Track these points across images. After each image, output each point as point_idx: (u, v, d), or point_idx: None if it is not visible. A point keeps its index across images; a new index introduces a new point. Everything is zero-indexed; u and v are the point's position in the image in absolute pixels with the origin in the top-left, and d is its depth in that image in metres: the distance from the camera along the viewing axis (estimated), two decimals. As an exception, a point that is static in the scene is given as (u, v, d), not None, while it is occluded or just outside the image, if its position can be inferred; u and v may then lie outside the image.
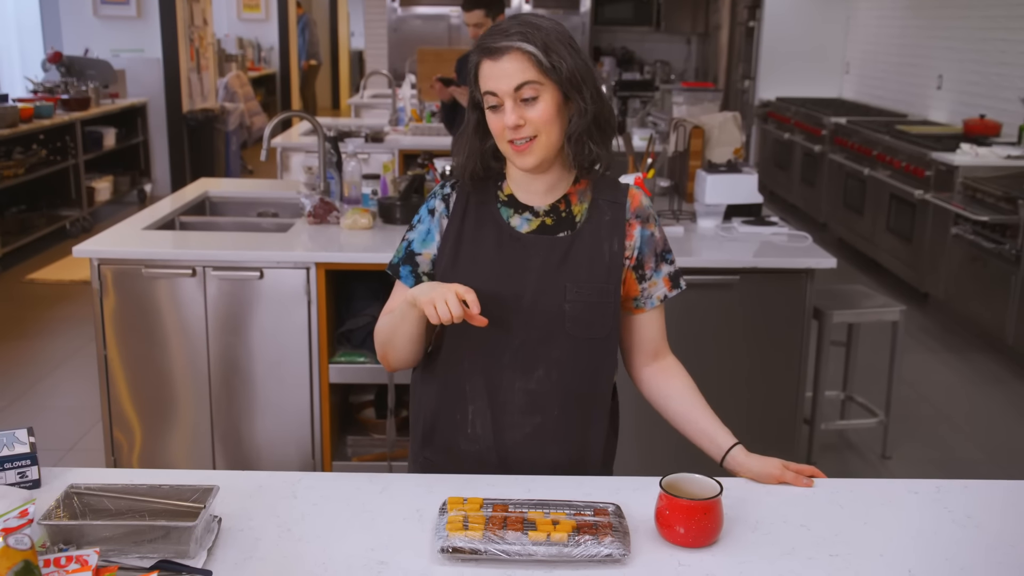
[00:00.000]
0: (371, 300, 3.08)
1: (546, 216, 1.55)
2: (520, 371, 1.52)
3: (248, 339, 2.85)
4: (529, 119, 1.46)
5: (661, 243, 1.60)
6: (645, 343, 1.62)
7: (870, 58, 7.69)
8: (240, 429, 2.92)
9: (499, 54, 1.45)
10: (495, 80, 1.46)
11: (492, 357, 1.53)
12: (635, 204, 1.58)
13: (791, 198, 7.65)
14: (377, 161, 4.80)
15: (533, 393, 1.53)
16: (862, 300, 3.50)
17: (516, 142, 1.47)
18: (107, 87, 7.37)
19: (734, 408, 2.80)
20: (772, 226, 3.14)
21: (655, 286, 1.59)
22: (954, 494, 1.48)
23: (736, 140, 3.25)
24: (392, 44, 8.66)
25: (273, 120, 3.16)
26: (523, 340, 1.51)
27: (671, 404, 1.60)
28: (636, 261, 1.57)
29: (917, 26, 6.83)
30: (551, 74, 1.45)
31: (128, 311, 2.83)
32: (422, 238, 1.58)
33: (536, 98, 1.45)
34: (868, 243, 6.07)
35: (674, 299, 1.64)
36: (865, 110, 7.17)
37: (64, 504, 1.28)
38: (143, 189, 7.82)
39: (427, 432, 1.62)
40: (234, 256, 2.80)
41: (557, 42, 1.46)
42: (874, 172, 5.90)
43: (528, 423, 1.54)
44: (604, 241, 1.54)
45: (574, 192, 1.57)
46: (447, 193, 1.59)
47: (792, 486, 1.49)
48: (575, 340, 1.52)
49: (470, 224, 1.55)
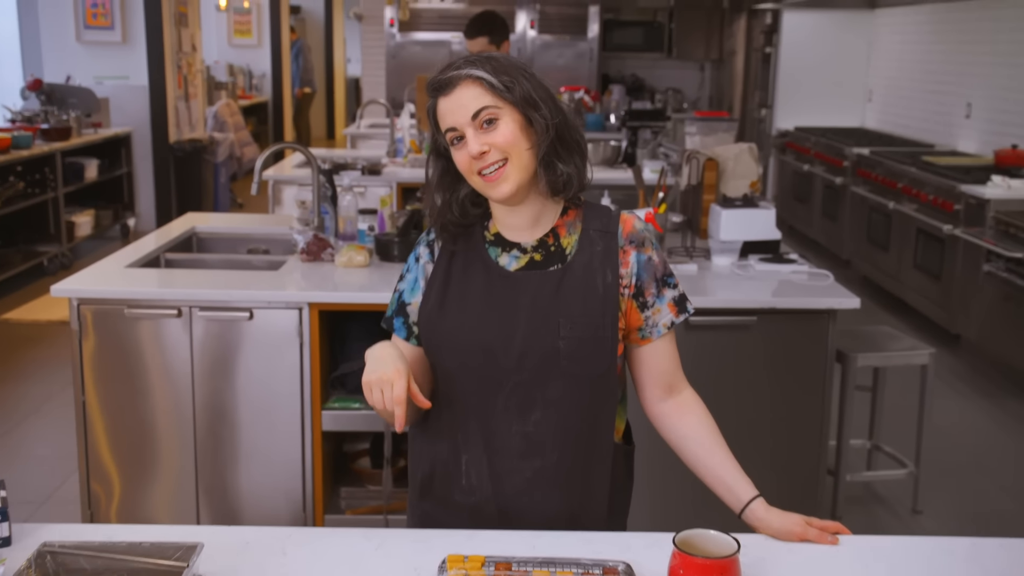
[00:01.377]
0: (367, 342, 3.06)
1: (534, 252, 1.57)
2: (516, 414, 1.53)
3: (236, 384, 2.86)
4: (493, 143, 1.49)
5: (661, 267, 1.60)
6: (657, 376, 1.62)
7: (894, 85, 7.76)
8: (226, 480, 2.91)
9: (450, 87, 1.50)
10: (452, 114, 1.50)
11: (486, 401, 1.54)
12: (627, 229, 1.59)
13: (811, 234, 7.68)
14: (374, 195, 4.83)
15: (531, 436, 1.54)
16: (889, 342, 3.50)
17: (485, 172, 1.49)
18: (89, 116, 7.44)
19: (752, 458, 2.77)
20: (791, 264, 3.15)
21: (659, 313, 1.59)
22: (991, 553, 1.47)
23: (752, 172, 3.27)
24: (390, 71, 8.76)
25: (265, 151, 3.19)
26: (517, 382, 1.52)
27: (687, 445, 1.60)
28: (635, 289, 1.58)
29: (944, 50, 6.89)
30: (506, 95, 1.49)
31: (109, 354, 2.84)
32: (411, 287, 1.62)
33: (496, 120, 1.49)
34: (894, 281, 6.08)
35: (687, 341, 1.65)
36: (889, 140, 7.22)
37: (36, 564, 1.27)
38: (126, 224, 7.87)
39: (424, 483, 1.63)
40: (222, 295, 2.81)
41: (508, 66, 1.51)
42: (900, 206, 5.92)
43: (527, 467, 1.54)
44: (597, 272, 1.55)
45: (562, 224, 1.59)
46: (431, 240, 1.63)
47: (815, 544, 1.48)
48: (572, 379, 1.52)
49: (457, 267, 1.58)
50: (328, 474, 3.08)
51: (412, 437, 1.67)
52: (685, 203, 3.47)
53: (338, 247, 3.19)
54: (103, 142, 7.47)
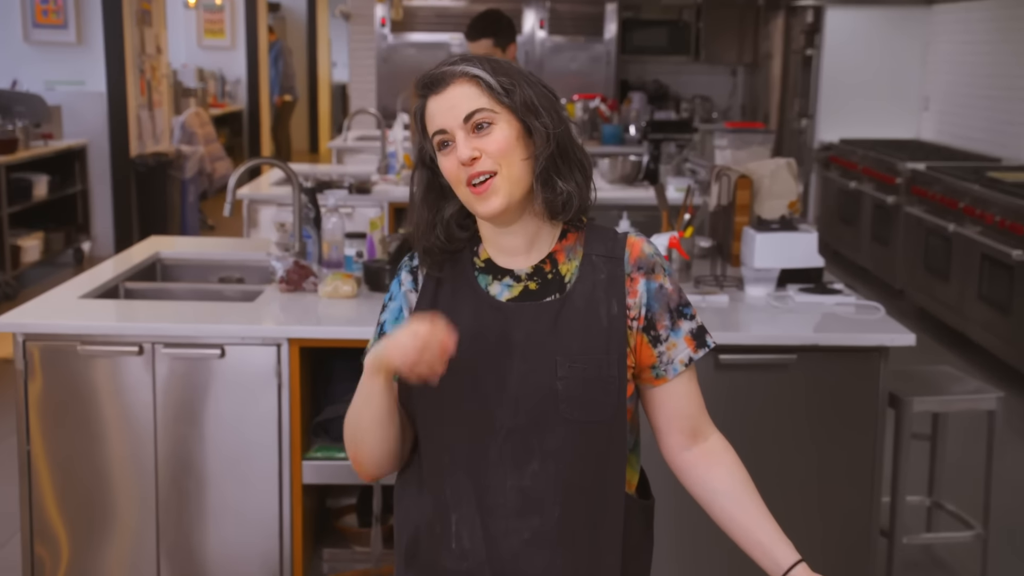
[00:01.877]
0: (354, 383, 3.08)
1: (529, 280, 1.58)
2: (511, 466, 1.53)
3: (205, 431, 2.86)
4: (485, 149, 1.50)
5: (675, 296, 1.61)
6: (677, 420, 1.62)
7: (954, 91, 7.79)
8: (192, 542, 2.91)
9: (443, 85, 1.52)
10: (442, 115, 1.52)
11: (476, 452, 1.54)
12: (635, 254, 1.60)
13: (859, 260, 7.69)
14: (363, 216, 4.86)
15: (528, 491, 1.53)
16: (949, 384, 3.49)
17: (474, 182, 1.51)
18: (39, 126, 7.50)
19: (794, 517, 2.77)
20: (836, 295, 3.16)
21: (675, 348, 1.60)
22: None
23: (791, 191, 3.29)
24: (381, 77, 8.82)
25: (239, 167, 3.21)
26: (511, 428, 1.53)
27: (717, 500, 1.60)
28: (646, 321, 1.58)
29: (1011, 51, 6.91)
30: (503, 99, 1.51)
31: (59, 397, 2.85)
32: (394, 317, 1.63)
33: (491, 125, 1.51)
34: (955, 314, 6.08)
35: (717, 383, 1.66)
36: (949, 153, 7.24)
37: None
38: (80, 248, 7.91)
39: (410, 548, 1.63)
40: (190, 330, 2.83)
41: (509, 68, 1.54)
42: (961, 228, 5.93)
43: (525, 527, 1.54)
44: (600, 303, 1.55)
45: (560, 249, 1.60)
46: (415, 266, 1.64)
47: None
48: (573, 425, 1.52)
49: (444, 297, 1.59)
50: (309, 534, 3.08)
51: (397, 494, 1.67)
52: (715, 226, 3.49)
53: (322, 275, 3.21)
54: (54, 156, 7.53)
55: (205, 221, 9.46)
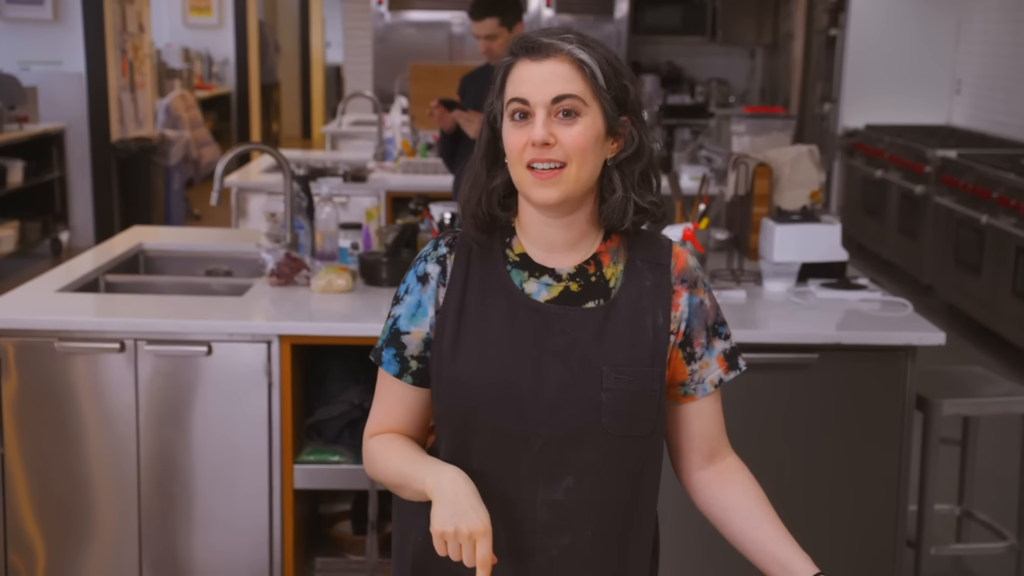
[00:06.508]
0: (349, 382, 3.10)
1: (571, 281, 1.57)
2: (543, 480, 1.53)
3: (190, 433, 2.87)
4: (561, 140, 1.48)
5: (712, 313, 1.62)
6: (698, 440, 1.64)
7: (988, 73, 7.78)
8: (177, 550, 2.92)
9: (543, 54, 1.49)
10: (530, 84, 1.49)
11: (506, 463, 1.54)
12: (680, 265, 1.60)
13: (885, 253, 7.68)
14: (358, 206, 4.87)
15: (560, 507, 1.54)
16: (981, 386, 3.49)
17: (538, 167, 1.48)
18: (13, 109, 7.50)
19: (814, 527, 2.78)
20: (860, 290, 3.16)
21: (707, 367, 1.61)
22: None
23: (813, 180, 3.30)
24: (378, 58, 8.82)
25: (227, 153, 3.22)
26: (547, 440, 1.52)
27: (732, 519, 1.61)
28: (684, 336, 1.59)
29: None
30: (601, 95, 1.49)
31: (35, 396, 2.85)
32: (411, 312, 1.59)
33: (577, 116, 1.49)
34: (988, 311, 6.07)
35: (732, 384, 1.66)
36: (982, 140, 7.24)
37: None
38: (58, 239, 7.92)
39: (418, 561, 1.61)
40: (174, 326, 2.83)
41: (619, 64, 1.52)
42: (995, 220, 5.93)
43: (554, 545, 1.54)
44: (647, 312, 1.55)
45: (605, 251, 1.59)
46: (442, 255, 1.59)
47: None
48: (613, 439, 1.53)
49: (473, 292, 1.56)
50: (301, 541, 3.09)
51: (399, 501, 1.66)
52: (731, 217, 3.49)
53: (315, 269, 3.21)
54: (30, 140, 7.52)
55: (191, 210, 9.47)
